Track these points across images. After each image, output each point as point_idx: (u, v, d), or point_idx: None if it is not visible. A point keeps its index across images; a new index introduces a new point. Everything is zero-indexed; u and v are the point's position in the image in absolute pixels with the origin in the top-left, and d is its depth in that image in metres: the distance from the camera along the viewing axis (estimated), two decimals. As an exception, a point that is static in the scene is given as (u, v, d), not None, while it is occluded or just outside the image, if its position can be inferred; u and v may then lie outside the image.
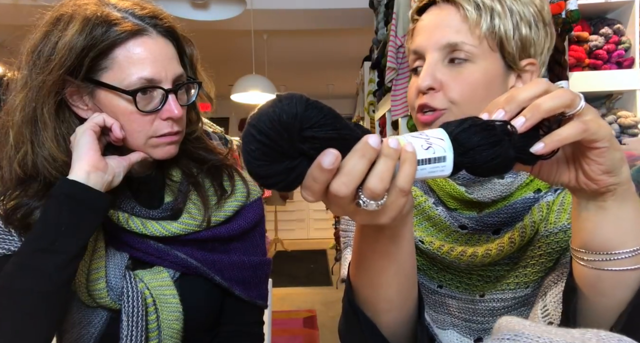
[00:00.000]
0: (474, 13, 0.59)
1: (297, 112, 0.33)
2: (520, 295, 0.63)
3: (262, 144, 0.33)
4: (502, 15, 0.59)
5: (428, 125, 0.62)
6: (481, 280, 0.66)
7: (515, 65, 0.62)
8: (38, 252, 0.60)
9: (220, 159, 0.84)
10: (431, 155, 0.38)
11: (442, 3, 0.63)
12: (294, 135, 0.33)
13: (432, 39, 0.62)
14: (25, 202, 0.67)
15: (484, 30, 0.59)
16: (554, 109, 0.40)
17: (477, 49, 0.60)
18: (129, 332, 0.69)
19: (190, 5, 2.69)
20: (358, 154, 0.35)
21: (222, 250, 0.83)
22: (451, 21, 0.61)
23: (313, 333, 3.39)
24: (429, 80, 0.61)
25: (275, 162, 0.34)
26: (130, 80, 0.66)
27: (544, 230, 0.61)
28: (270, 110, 0.33)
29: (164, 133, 0.70)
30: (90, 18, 0.64)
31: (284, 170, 0.34)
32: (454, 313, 0.68)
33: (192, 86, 0.77)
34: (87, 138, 0.65)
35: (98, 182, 0.64)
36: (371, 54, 3.22)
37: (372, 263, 0.50)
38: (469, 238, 0.66)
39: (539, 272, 0.61)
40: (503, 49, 0.61)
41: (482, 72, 0.60)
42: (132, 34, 0.66)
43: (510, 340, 0.32)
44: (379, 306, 0.53)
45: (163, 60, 0.68)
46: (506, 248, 0.61)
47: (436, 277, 0.70)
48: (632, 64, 1.64)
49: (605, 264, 0.45)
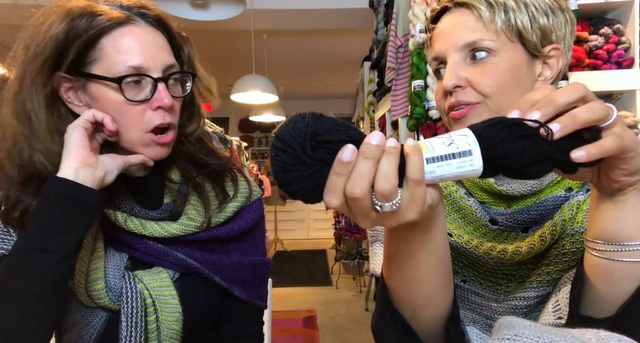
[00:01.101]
0: (487, 11, 0.61)
1: (309, 121, 0.38)
2: (542, 293, 0.63)
3: (282, 151, 0.38)
4: (516, 9, 0.61)
5: (462, 118, 0.63)
6: (506, 278, 0.66)
7: (538, 52, 0.62)
8: (31, 252, 0.59)
9: (222, 164, 0.83)
10: (454, 150, 0.39)
11: (454, 8, 0.64)
12: (307, 142, 0.37)
13: (450, 41, 0.63)
14: (22, 199, 0.67)
15: (500, 25, 0.60)
16: (590, 122, 0.40)
17: (495, 43, 0.61)
18: (128, 332, 0.69)
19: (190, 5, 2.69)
20: (362, 155, 0.37)
21: (221, 250, 0.83)
22: (466, 22, 0.62)
23: (313, 333, 3.39)
24: (454, 79, 0.61)
25: (297, 168, 0.38)
26: (117, 69, 0.65)
27: (570, 229, 0.61)
28: (289, 123, 0.39)
29: (156, 124, 0.69)
30: (75, 9, 0.64)
31: (306, 176, 0.38)
32: (475, 309, 0.68)
33: (187, 79, 0.76)
34: (76, 135, 0.64)
35: (88, 178, 0.63)
36: (371, 54, 3.23)
37: (409, 259, 0.50)
38: (498, 235, 0.66)
39: (562, 271, 0.61)
40: (523, 39, 0.61)
41: (506, 63, 0.61)
42: (119, 23, 0.66)
43: (510, 340, 0.32)
44: (419, 301, 0.53)
45: (151, 48, 0.68)
46: (537, 246, 0.61)
47: (460, 272, 0.70)
48: (631, 64, 1.64)
49: (617, 255, 0.46)
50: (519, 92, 0.62)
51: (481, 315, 0.68)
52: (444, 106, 0.65)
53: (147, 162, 0.72)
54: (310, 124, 0.38)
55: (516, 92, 0.62)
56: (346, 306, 3.97)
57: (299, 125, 0.38)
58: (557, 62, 0.64)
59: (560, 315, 0.53)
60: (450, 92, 0.63)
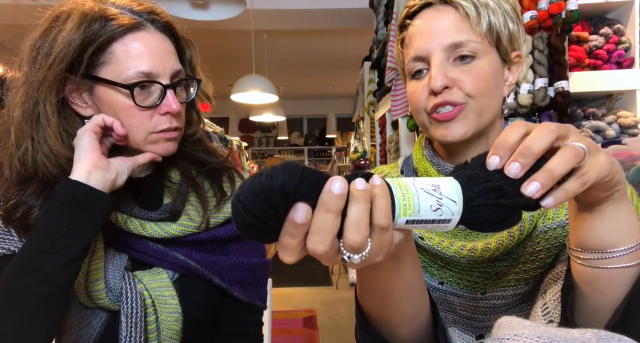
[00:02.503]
0: (474, 11, 0.61)
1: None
2: (520, 291, 0.63)
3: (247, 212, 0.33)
4: (495, 11, 0.62)
5: (450, 121, 0.62)
6: (482, 276, 0.66)
7: (507, 58, 0.65)
8: (39, 253, 0.60)
9: (220, 162, 0.84)
10: (438, 217, 0.37)
11: (438, 4, 0.63)
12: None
13: (435, 40, 0.62)
14: (24, 200, 0.67)
15: (484, 27, 0.61)
16: (566, 172, 0.39)
17: (480, 45, 0.61)
18: (127, 332, 0.69)
19: (190, 5, 2.69)
20: (322, 208, 0.33)
21: (221, 251, 0.83)
22: (451, 21, 0.62)
23: (313, 333, 3.39)
24: (442, 79, 0.61)
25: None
26: (127, 74, 0.66)
27: (542, 226, 0.61)
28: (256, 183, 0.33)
29: (163, 128, 0.70)
30: (88, 13, 0.65)
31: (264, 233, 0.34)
32: (455, 310, 0.68)
33: (191, 84, 0.77)
34: (86, 138, 0.65)
35: (100, 181, 0.63)
36: (371, 54, 3.23)
37: (379, 284, 0.50)
38: (469, 234, 0.67)
39: (539, 268, 0.62)
40: (499, 43, 0.63)
41: (489, 66, 0.62)
42: (130, 29, 0.66)
43: (510, 340, 0.32)
44: (394, 322, 0.53)
45: (161, 54, 0.68)
46: (505, 242, 0.61)
47: (437, 274, 0.70)
48: (632, 64, 1.64)
49: (601, 262, 0.46)
50: (497, 94, 0.64)
51: (461, 315, 0.68)
52: (425, 105, 0.64)
53: (155, 158, 0.72)
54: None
55: (496, 94, 0.64)
56: (346, 306, 3.97)
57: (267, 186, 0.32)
58: (517, 68, 0.67)
59: (551, 318, 0.53)
60: (435, 93, 0.62)
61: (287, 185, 0.32)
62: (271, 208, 0.32)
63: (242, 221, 0.33)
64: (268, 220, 0.33)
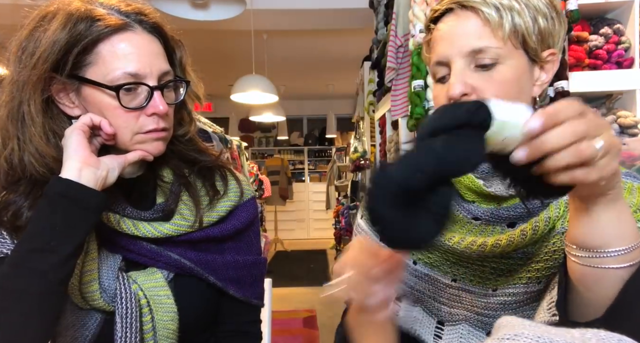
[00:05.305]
0: (494, 15, 0.59)
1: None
2: (532, 290, 0.63)
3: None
4: (520, 12, 0.60)
5: None
6: (494, 273, 0.66)
7: (537, 58, 0.63)
8: (33, 252, 0.60)
9: (212, 160, 0.84)
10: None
11: (459, 10, 0.62)
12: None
13: (455, 46, 0.61)
14: (13, 199, 0.67)
15: (507, 31, 0.59)
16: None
17: (502, 50, 0.60)
18: (123, 333, 0.69)
19: (190, 5, 2.69)
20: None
21: (216, 250, 0.82)
22: (472, 26, 0.61)
23: (313, 333, 3.39)
24: (461, 87, 0.60)
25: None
26: (114, 75, 0.65)
27: (560, 227, 0.61)
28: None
29: (149, 129, 0.70)
30: (74, 14, 0.64)
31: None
32: (467, 306, 0.69)
33: (180, 85, 0.76)
34: (75, 137, 0.64)
35: (91, 178, 0.63)
36: (371, 54, 3.22)
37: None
38: (483, 230, 0.67)
39: (552, 268, 0.62)
40: (526, 45, 0.61)
41: (512, 71, 0.61)
42: (117, 29, 0.66)
43: (510, 340, 0.32)
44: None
45: (148, 55, 0.68)
46: (516, 240, 0.61)
47: (450, 271, 0.71)
48: (632, 64, 1.64)
49: (589, 261, 0.46)
50: (523, 98, 0.63)
51: (473, 312, 0.68)
52: None
53: (146, 156, 0.72)
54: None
55: (520, 98, 0.62)
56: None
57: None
58: (552, 66, 0.64)
59: (555, 312, 0.54)
60: (456, 99, 0.62)
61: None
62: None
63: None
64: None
